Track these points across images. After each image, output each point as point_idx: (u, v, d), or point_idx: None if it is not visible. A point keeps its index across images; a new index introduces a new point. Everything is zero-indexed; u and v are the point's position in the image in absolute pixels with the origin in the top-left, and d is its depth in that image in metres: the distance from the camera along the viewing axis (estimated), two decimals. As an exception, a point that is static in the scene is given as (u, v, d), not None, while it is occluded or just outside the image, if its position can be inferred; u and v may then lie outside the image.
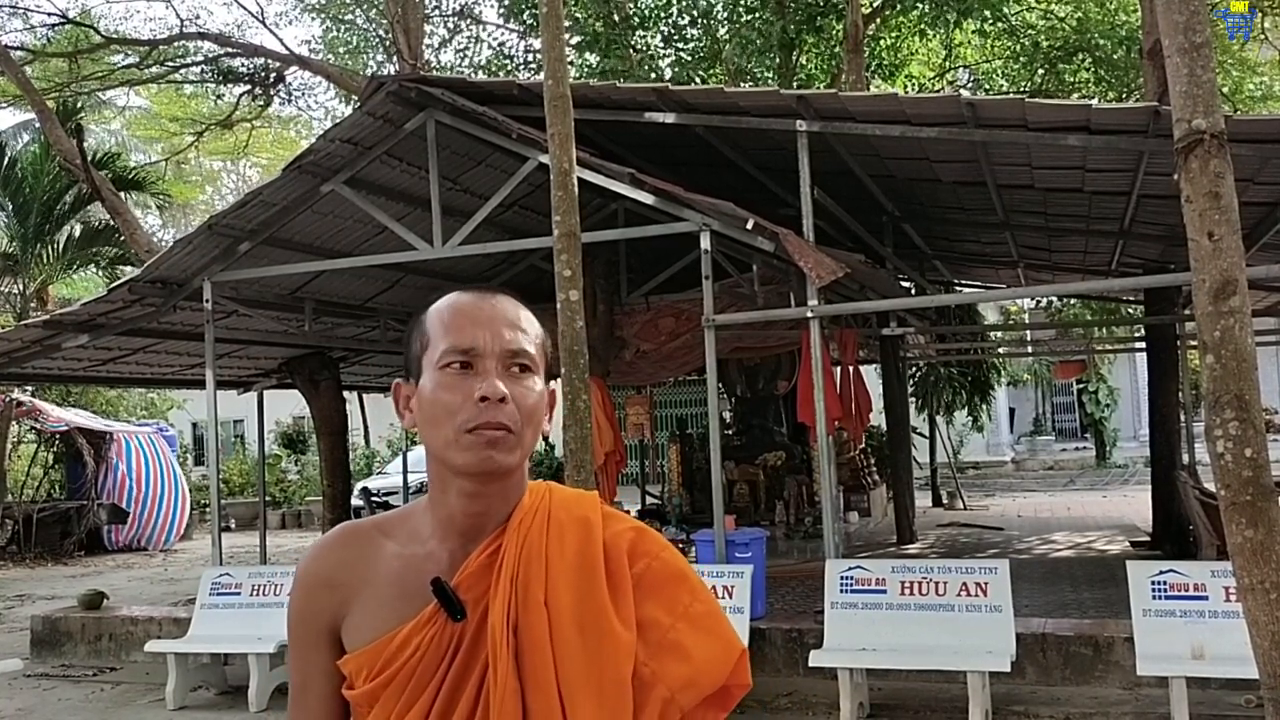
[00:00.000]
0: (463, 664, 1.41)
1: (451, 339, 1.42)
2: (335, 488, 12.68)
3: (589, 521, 1.49)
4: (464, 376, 1.41)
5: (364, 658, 1.44)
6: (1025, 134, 7.51)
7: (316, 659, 1.50)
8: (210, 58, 20.67)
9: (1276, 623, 3.52)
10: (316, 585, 1.51)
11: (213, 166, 36.27)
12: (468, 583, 1.42)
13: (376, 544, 1.50)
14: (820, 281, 7.44)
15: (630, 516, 1.56)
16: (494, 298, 1.48)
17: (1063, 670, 7.22)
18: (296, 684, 1.53)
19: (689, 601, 1.48)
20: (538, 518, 1.47)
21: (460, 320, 1.44)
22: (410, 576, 1.45)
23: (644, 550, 1.49)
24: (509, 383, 1.41)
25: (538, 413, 1.44)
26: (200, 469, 26.05)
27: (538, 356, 1.46)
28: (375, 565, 1.49)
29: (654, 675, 1.41)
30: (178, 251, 9.13)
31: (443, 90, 8.42)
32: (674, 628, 1.45)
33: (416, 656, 1.41)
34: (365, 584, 1.48)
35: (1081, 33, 16.96)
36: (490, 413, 1.38)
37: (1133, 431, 25.96)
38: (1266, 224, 8.42)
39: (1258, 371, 3.74)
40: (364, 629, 1.46)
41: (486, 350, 1.41)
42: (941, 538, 13.53)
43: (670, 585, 1.48)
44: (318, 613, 1.50)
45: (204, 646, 8.17)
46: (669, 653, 1.43)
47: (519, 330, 1.45)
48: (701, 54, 17.83)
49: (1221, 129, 3.72)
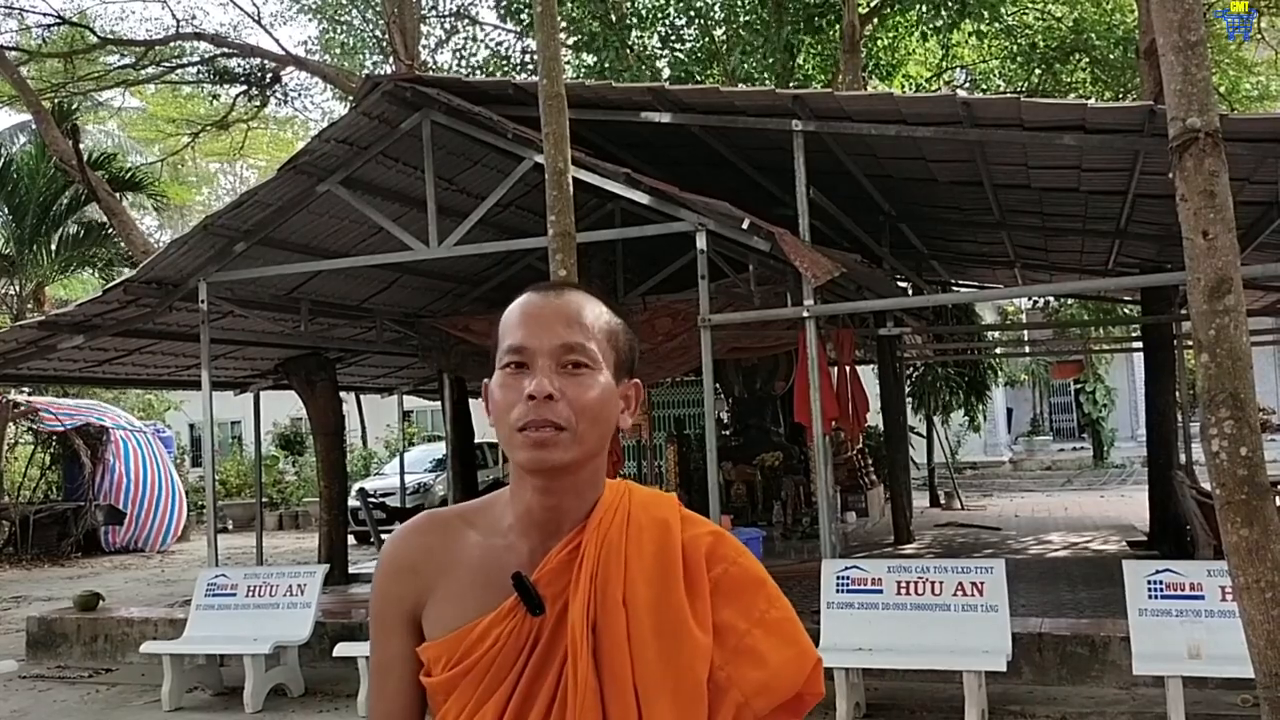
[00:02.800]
0: (540, 659, 1.42)
1: (509, 339, 1.44)
2: (332, 489, 12.65)
3: (667, 523, 1.50)
4: (519, 375, 1.42)
5: (443, 646, 1.45)
6: (1021, 133, 7.51)
7: (397, 644, 1.51)
8: (206, 58, 20.67)
9: (1272, 622, 3.51)
10: (401, 570, 1.52)
11: (209, 167, 36.27)
12: (547, 578, 1.43)
13: (460, 532, 1.52)
14: (816, 281, 7.44)
15: (708, 520, 1.56)
16: (560, 294, 1.49)
17: (1059, 670, 7.22)
18: (377, 668, 1.53)
19: (765, 608, 1.49)
20: (617, 517, 1.48)
21: (518, 319, 1.46)
22: (491, 567, 1.46)
23: (722, 555, 1.50)
24: (563, 380, 1.41)
25: (599, 408, 1.43)
26: (198, 470, 26.00)
27: (599, 352, 1.45)
28: (458, 554, 1.50)
29: (729, 680, 1.42)
30: (173, 252, 9.11)
31: (438, 90, 8.41)
32: (750, 633, 1.45)
33: (495, 648, 1.42)
34: (447, 572, 1.49)
35: (1078, 33, 16.99)
36: (539, 411, 1.39)
37: (1130, 431, 25.99)
38: (1262, 223, 8.42)
39: (1253, 370, 3.73)
40: (445, 617, 1.47)
41: (539, 348, 1.42)
42: (939, 538, 13.53)
43: (748, 591, 1.49)
44: (400, 597, 1.51)
45: (200, 648, 8.16)
46: (745, 658, 1.44)
47: (576, 326, 1.44)
48: (699, 54, 17.83)
49: (1216, 127, 3.71)
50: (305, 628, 8.03)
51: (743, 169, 9.86)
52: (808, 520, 13.70)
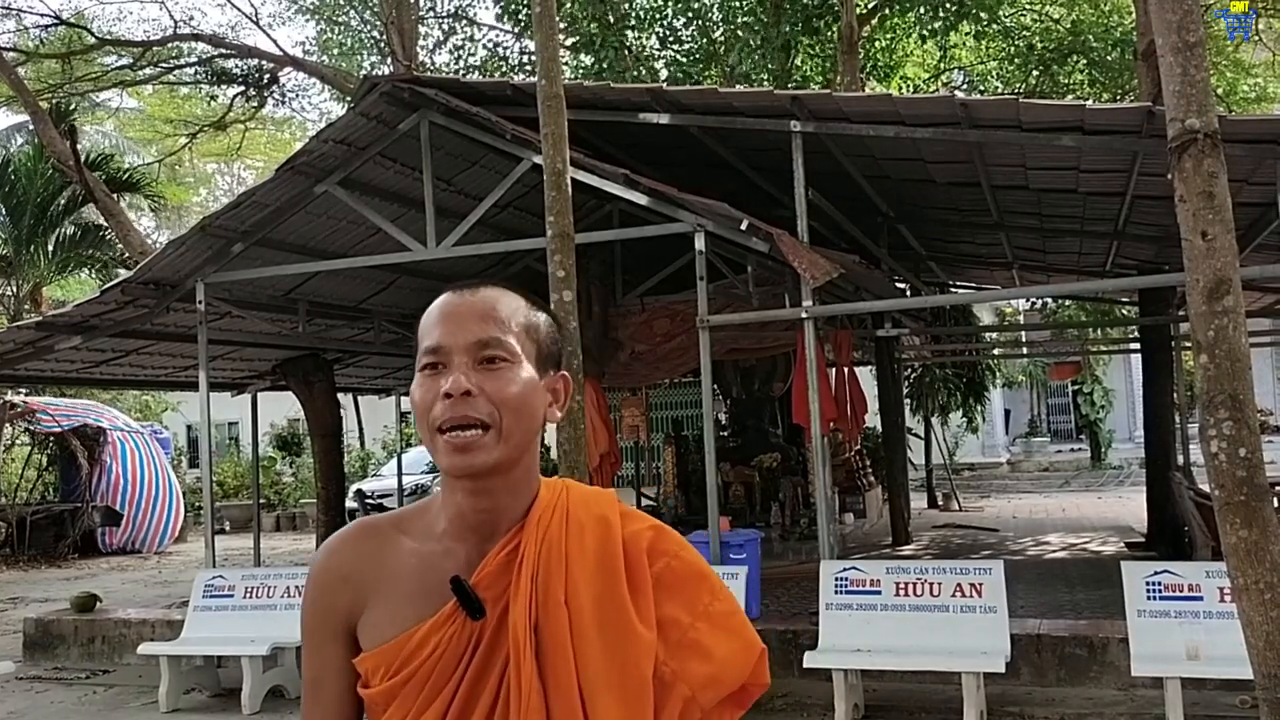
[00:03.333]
0: (481, 663, 1.40)
1: (425, 340, 1.42)
2: (330, 490, 12.65)
3: (607, 520, 1.48)
4: (435, 376, 1.40)
5: (381, 656, 1.42)
6: (1019, 134, 7.51)
7: (331, 655, 1.48)
8: (204, 59, 20.67)
9: (1271, 623, 3.51)
10: (333, 580, 1.48)
11: (206, 168, 36.23)
12: (486, 581, 1.41)
13: (393, 540, 1.49)
14: (815, 282, 7.44)
15: (647, 515, 1.54)
16: (474, 291, 1.45)
17: (1058, 671, 7.21)
18: (310, 680, 1.50)
19: (709, 601, 1.47)
20: (556, 515, 1.46)
21: (433, 319, 1.43)
22: (428, 574, 1.43)
23: (663, 549, 1.48)
24: (481, 376, 1.38)
25: (520, 402, 1.40)
26: (195, 471, 25.99)
27: (519, 345, 1.42)
28: (392, 562, 1.47)
29: (675, 674, 1.40)
30: (171, 253, 9.10)
31: (436, 91, 8.41)
32: (694, 626, 1.44)
33: (435, 655, 1.39)
34: (382, 581, 1.46)
35: (1076, 35, 16.99)
36: (457, 408, 1.36)
37: (1128, 433, 25.98)
38: (1261, 224, 8.42)
39: (1252, 372, 3.73)
40: (381, 626, 1.44)
41: (454, 346, 1.40)
42: (936, 539, 13.53)
43: (690, 584, 1.47)
44: (333, 609, 1.48)
45: (197, 649, 8.14)
46: (690, 652, 1.42)
47: (492, 321, 1.41)
48: (697, 55, 17.82)
49: (1215, 128, 3.71)
50: (303, 629, 8.01)
51: (741, 170, 9.87)
52: (806, 521, 13.68)
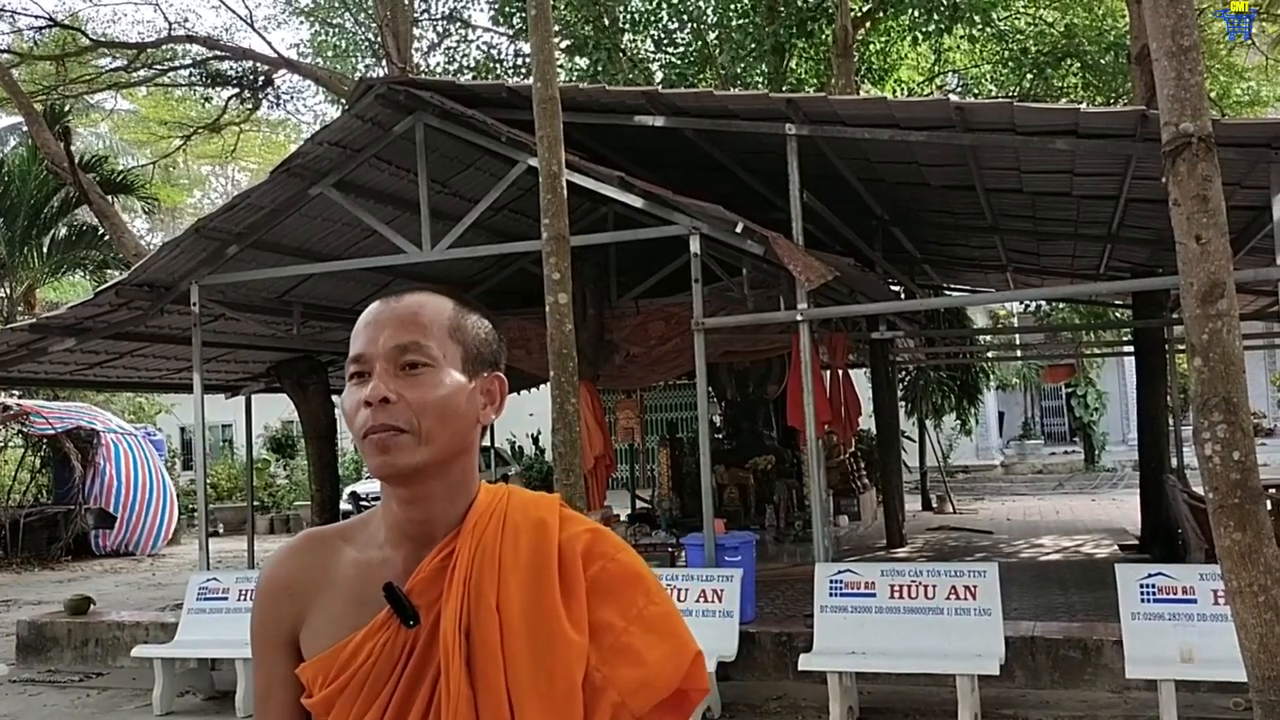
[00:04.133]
0: (415, 670, 1.39)
1: (350, 350, 1.43)
2: (324, 492, 12.64)
3: (544, 523, 1.47)
4: (360, 385, 1.40)
5: (319, 664, 1.43)
6: (1014, 138, 7.53)
7: (277, 667, 1.49)
8: (199, 61, 20.63)
9: (1265, 625, 3.52)
10: (276, 592, 1.49)
11: (201, 170, 36.19)
12: (420, 587, 1.41)
13: (337, 550, 1.49)
14: (809, 285, 7.44)
15: (588, 518, 1.53)
16: (399, 298, 1.45)
17: (1052, 673, 7.22)
18: (259, 692, 1.51)
19: (643, 604, 1.45)
20: (493, 520, 1.45)
21: (358, 328, 1.44)
22: (366, 582, 1.44)
23: (600, 552, 1.46)
24: (401, 382, 1.38)
25: (443, 407, 1.39)
26: (189, 473, 25.91)
27: (440, 349, 1.41)
28: (334, 571, 1.48)
29: (605, 680, 1.38)
30: (165, 255, 9.09)
31: (431, 93, 8.41)
32: (627, 630, 1.42)
33: (370, 663, 1.39)
34: (323, 590, 1.47)
35: (1069, 38, 17.05)
36: (377, 415, 1.37)
37: (1121, 435, 26.04)
38: (1254, 228, 8.45)
39: (1245, 375, 3.74)
40: (321, 635, 1.45)
41: (374, 354, 1.40)
42: (931, 541, 13.55)
43: (626, 588, 1.46)
44: (278, 620, 1.49)
45: (191, 651, 8.13)
46: (621, 656, 1.40)
47: (411, 326, 1.41)
48: (692, 58, 17.85)
49: (1209, 132, 3.72)
50: (297, 631, 8.00)
51: (735, 173, 9.88)
52: (800, 524, 13.68)
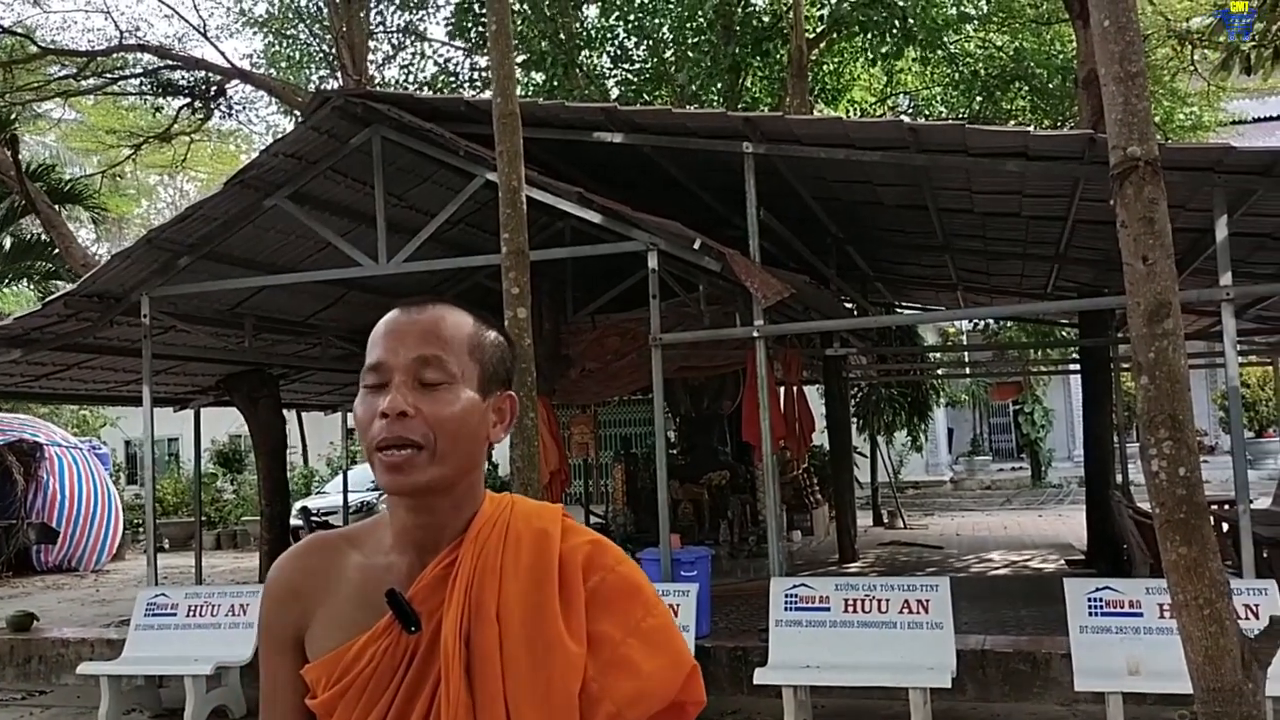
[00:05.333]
0: (416, 676, 1.41)
1: (368, 357, 1.43)
2: (274, 507, 12.48)
3: (546, 534, 1.48)
4: (375, 394, 1.41)
5: (323, 667, 1.44)
6: (965, 159, 7.65)
7: (282, 669, 1.51)
8: (150, 70, 20.36)
9: (1210, 638, 3.59)
10: (283, 594, 1.52)
11: (149, 180, 35.66)
12: (422, 594, 1.42)
13: (342, 554, 1.51)
14: (766, 301, 7.51)
15: (590, 530, 1.55)
16: (420, 309, 1.46)
17: (1002, 686, 7.32)
18: (265, 693, 1.53)
19: (641, 616, 1.47)
20: (496, 529, 1.47)
21: (378, 336, 1.44)
22: (370, 587, 1.45)
23: (600, 564, 1.48)
24: (419, 396, 1.39)
25: (458, 424, 1.40)
26: (133, 488, 25.47)
27: (460, 366, 1.42)
28: (339, 575, 1.49)
29: (602, 691, 1.40)
30: (115, 265, 8.96)
31: (389, 106, 8.39)
32: (625, 642, 1.43)
33: (371, 667, 1.41)
34: (328, 594, 1.49)
35: (1018, 62, 17.36)
36: (393, 428, 1.37)
37: (1067, 452, 26.44)
38: (1197, 249, 8.65)
39: (1190, 393, 3.84)
40: (324, 638, 1.47)
41: (394, 365, 1.40)
42: (882, 556, 13.67)
43: (624, 600, 1.47)
44: (283, 622, 1.51)
45: (138, 668, 8.00)
46: (618, 668, 1.42)
47: (434, 340, 1.42)
48: (648, 75, 17.94)
49: (1156, 156, 3.81)
50: (248, 648, 7.89)
51: (693, 190, 9.94)
52: (754, 539, 13.76)
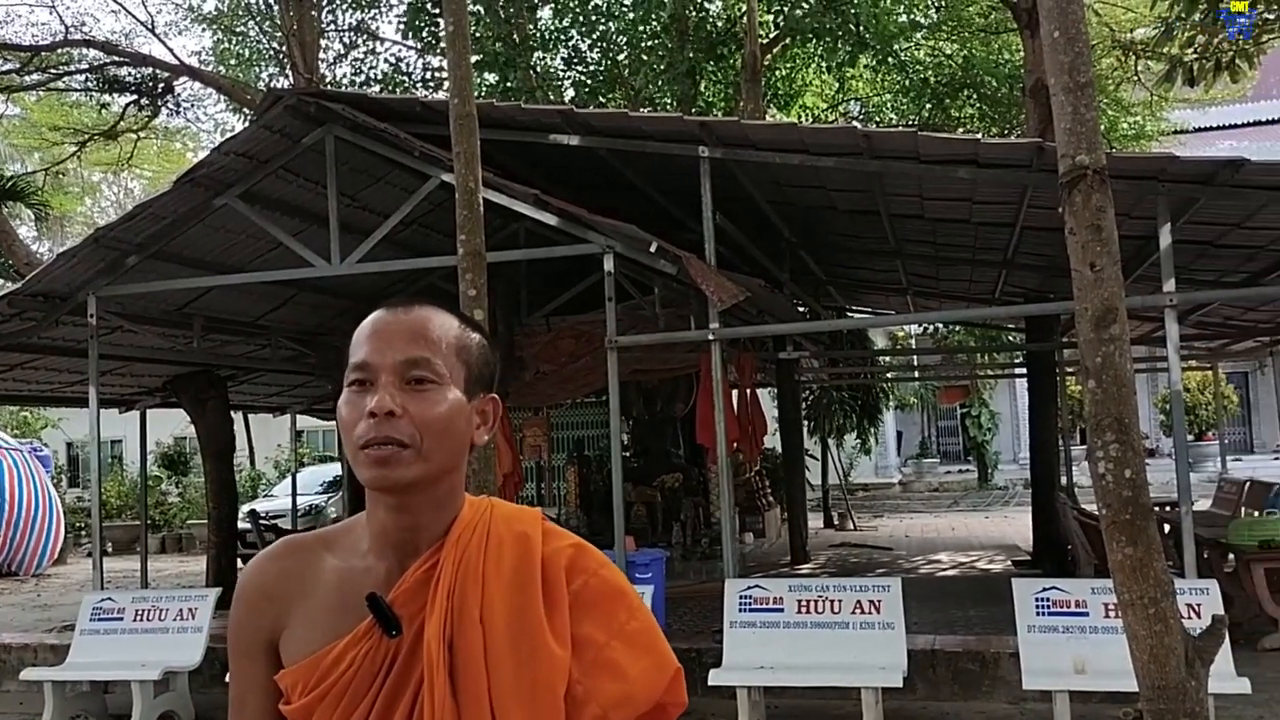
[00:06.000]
0: (397, 680, 1.39)
1: (354, 356, 1.43)
2: (221, 510, 12.32)
3: (528, 537, 1.48)
4: (362, 393, 1.40)
5: (299, 672, 1.42)
6: (917, 166, 7.75)
7: (254, 673, 1.49)
8: (96, 66, 19.99)
9: (1155, 636, 3.67)
10: (256, 598, 1.49)
11: (93, 178, 35.02)
12: (403, 598, 1.41)
13: (317, 557, 1.49)
14: (722, 305, 7.55)
15: (571, 534, 1.54)
16: (407, 310, 1.46)
17: (951, 685, 7.43)
18: (235, 698, 1.51)
19: (625, 619, 1.47)
20: (477, 533, 1.46)
21: (364, 336, 1.44)
22: (348, 591, 1.44)
23: (582, 567, 1.48)
24: (406, 396, 1.39)
25: (444, 425, 1.40)
26: (75, 490, 25.00)
27: (447, 367, 1.42)
28: (314, 578, 1.47)
29: (587, 693, 1.40)
30: (61, 264, 8.80)
31: (343, 106, 8.32)
32: (609, 645, 1.44)
33: (351, 672, 1.39)
34: (304, 597, 1.46)
35: (967, 70, 17.62)
36: (380, 428, 1.36)
37: (1013, 454, 26.86)
38: (1141, 256, 8.84)
39: (1136, 396, 3.93)
40: (301, 643, 1.44)
41: (382, 364, 1.40)
42: (834, 558, 13.79)
43: (607, 602, 1.47)
44: (257, 626, 1.48)
45: (84, 674, 7.85)
46: (603, 671, 1.42)
47: (421, 341, 1.42)
48: (602, 77, 17.95)
49: (1103, 165, 3.90)
50: (197, 652, 7.79)
51: (649, 193, 9.96)
52: (707, 541, 13.82)
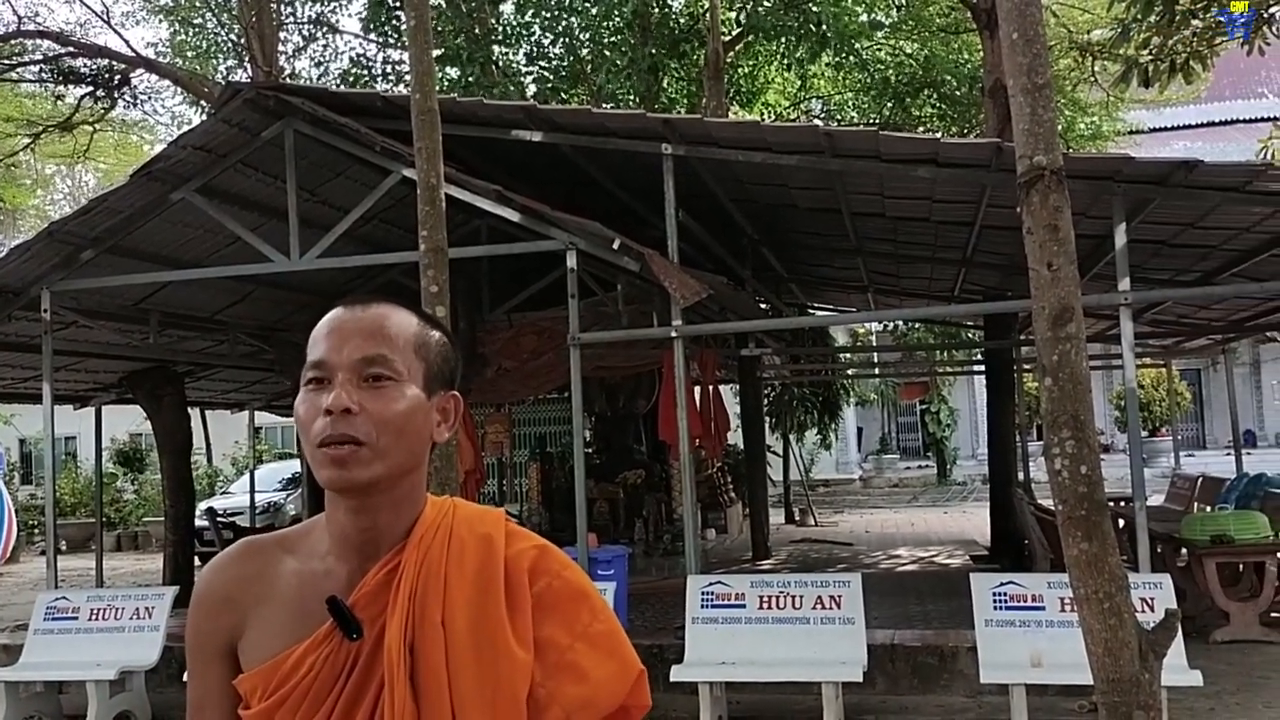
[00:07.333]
0: (358, 684, 1.38)
1: (311, 354, 1.41)
2: (179, 508, 12.17)
3: (491, 540, 1.46)
4: (319, 391, 1.39)
5: (259, 677, 1.40)
6: (878, 164, 7.80)
7: (213, 677, 1.47)
8: (50, 57, 19.66)
9: (1109, 630, 3.73)
10: (214, 601, 1.47)
11: (46, 170, 34.46)
12: (364, 601, 1.39)
13: (277, 560, 1.47)
14: (685, 302, 7.57)
15: (534, 535, 1.53)
16: (365, 307, 1.45)
17: (910, 680, 7.50)
18: (193, 702, 1.49)
19: (589, 621, 1.46)
20: (439, 534, 1.44)
21: (321, 334, 1.42)
22: (308, 594, 1.42)
23: (545, 569, 1.47)
24: (363, 394, 1.37)
25: (402, 422, 1.39)
26: (28, 488, 24.60)
27: (404, 365, 1.41)
28: (274, 582, 1.45)
29: (550, 696, 1.39)
30: (14, 259, 8.67)
31: (303, 100, 8.24)
32: (572, 648, 1.43)
33: (311, 676, 1.38)
34: (263, 601, 1.44)
35: (928, 69, 17.79)
36: (337, 425, 1.35)
37: (971, 450, 27.17)
38: (1096, 255, 8.96)
39: (1092, 394, 3.99)
40: (260, 647, 1.42)
41: (338, 363, 1.39)
42: (795, 554, 13.87)
43: (570, 604, 1.46)
44: (215, 630, 1.46)
45: (38, 674, 7.73)
46: (566, 673, 1.41)
47: (379, 338, 1.40)
48: (565, 73, 17.92)
49: (1061, 165, 3.95)
50: (154, 651, 7.71)
51: (612, 190, 9.96)
52: (669, 537, 13.85)
